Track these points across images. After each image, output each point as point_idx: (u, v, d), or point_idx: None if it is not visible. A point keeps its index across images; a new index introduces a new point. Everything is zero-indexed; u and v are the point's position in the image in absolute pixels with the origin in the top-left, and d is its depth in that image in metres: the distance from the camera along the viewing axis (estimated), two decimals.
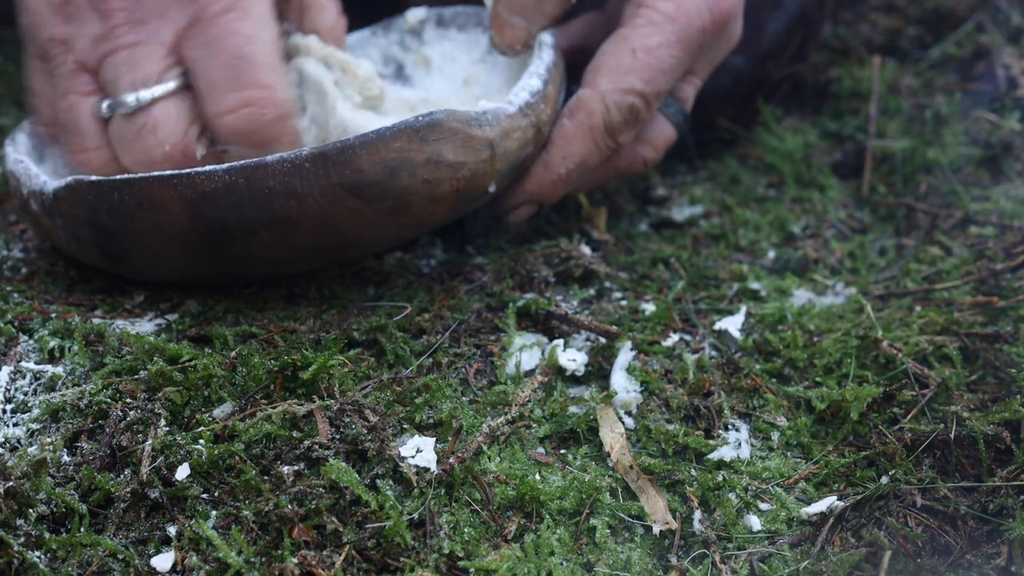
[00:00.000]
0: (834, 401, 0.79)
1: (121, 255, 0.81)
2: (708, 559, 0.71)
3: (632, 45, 0.87)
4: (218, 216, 0.77)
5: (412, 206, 0.79)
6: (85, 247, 0.82)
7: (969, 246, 0.95)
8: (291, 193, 0.76)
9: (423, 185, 0.78)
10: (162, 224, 0.78)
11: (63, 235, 0.82)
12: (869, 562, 0.71)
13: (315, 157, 0.76)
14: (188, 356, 0.77)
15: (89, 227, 0.80)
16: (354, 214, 0.78)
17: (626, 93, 0.87)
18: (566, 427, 0.77)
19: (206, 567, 0.67)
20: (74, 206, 0.80)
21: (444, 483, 0.71)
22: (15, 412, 0.75)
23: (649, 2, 0.87)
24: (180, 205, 0.77)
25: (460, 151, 0.79)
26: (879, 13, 1.22)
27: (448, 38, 1.00)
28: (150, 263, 0.81)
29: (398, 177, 0.77)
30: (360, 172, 0.76)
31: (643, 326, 0.85)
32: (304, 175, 0.76)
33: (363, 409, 0.74)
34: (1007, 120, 1.08)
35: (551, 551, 0.69)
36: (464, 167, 0.79)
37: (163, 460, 0.71)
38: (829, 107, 1.14)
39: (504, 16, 0.88)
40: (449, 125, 0.78)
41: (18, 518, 0.68)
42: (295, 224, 0.77)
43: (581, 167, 0.88)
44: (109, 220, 0.79)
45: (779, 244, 0.99)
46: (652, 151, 0.93)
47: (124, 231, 0.79)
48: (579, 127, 0.87)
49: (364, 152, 0.76)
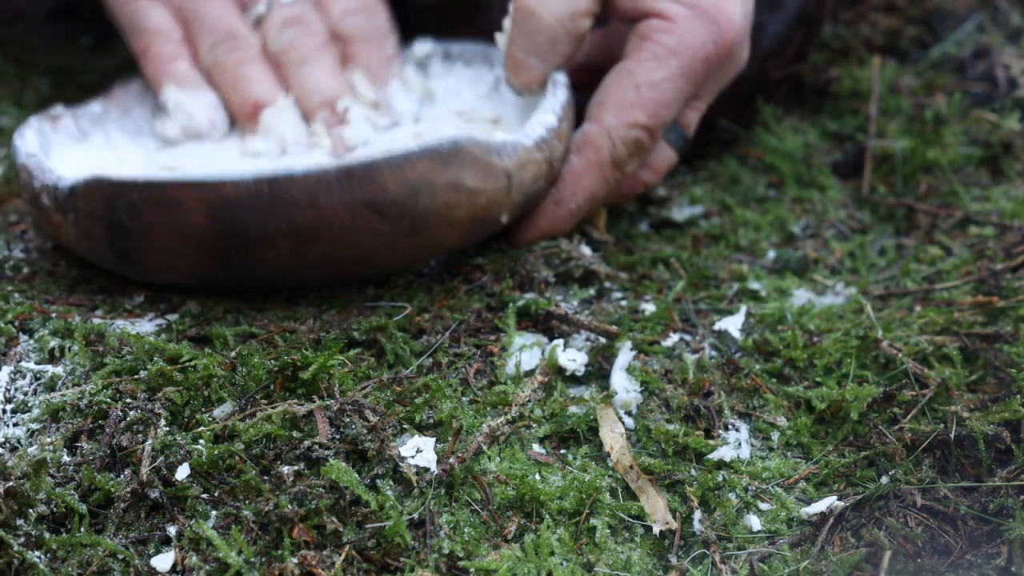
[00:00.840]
0: (834, 401, 0.79)
1: (133, 254, 0.81)
2: (708, 559, 0.71)
3: (636, 80, 0.87)
4: (239, 222, 0.77)
5: (429, 228, 0.80)
6: (95, 245, 0.82)
7: (969, 246, 0.95)
8: (314, 205, 0.77)
9: (442, 208, 0.80)
10: (181, 225, 0.78)
11: (73, 231, 0.82)
12: (869, 562, 0.71)
13: (341, 172, 0.77)
14: (188, 356, 0.77)
15: (103, 224, 0.80)
16: (372, 231, 0.79)
17: (631, 128, 0.88)
18: (566, 427, 0.77)
19: (206, 567, 0.67)
20: (91, 202, 0.80)
21: (444, 483, 0.71)
22: (15, 412, 0.75)
23: (652, 35, 0.88)
24: (202, 208, 0.77)
25: (480, 178, 0.80)
26: (879, 13, 1.22)
27: (454, 73, 1.02)
28: (161, 265, 0.81)
29: (419, 198, 0.79)
30: (384, 191, 0.78)
31: (643, 326, 0.85)
32: (329, 189, 0.77)
33: (363, 409, 0.74)
34: (1007, 120, 1.08)
35: (551, 551, 0.69)
36: (482, 194, 0.81)
37: (163, 460, 0.71)
38: (829, 107, 1.14)
39: (520, 58, 0.89)
40: (471, 152, 0.80)
41: (18, 518, 0.68)
42: (314, 236, 0.78)
43: (590, 201, 0.89)
44: (126, 218, 0.79)
45: (779, 244, 0.99)
46: (653, 175, 0.94)
47: (141, 230, 0.79)
48: (587, 163, 0.88)
49: (389, 171, 0.77)
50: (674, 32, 0.87)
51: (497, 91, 0.99)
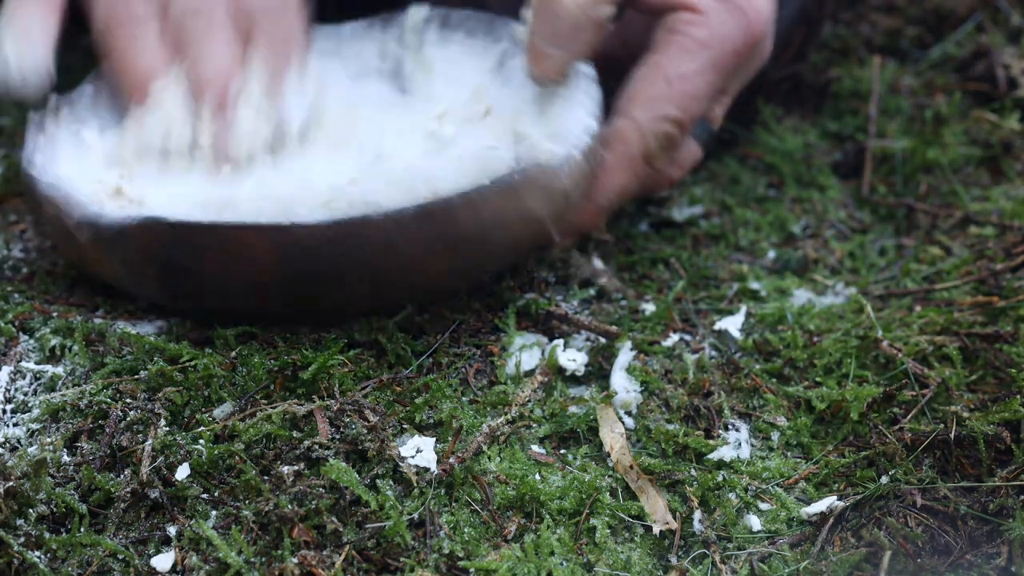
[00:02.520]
0: (834, 401, 0.79)
1: (191, 294, 0.79)
2: (708, 559, 0.71)
3: (666, 73, 0.86)
4: (311, 268, 0.75)
5: (497, 255, 0.80)
6: (145, 281, 0.79)
7: (969, 246, 0.95)
8: (390, 245, 0.75)
9: (510, 239, 0.79)
10: (248, 272, 0.76)
11: (119, 269, 0.79)
12: (869, 562, 0.71)
13: (419, 214, 0.75)
14: (188, 356, 0.77)
15: (158, 264, 0.77)
16: (444, 263, 0.78)
17: (662, 122, 0.86)
18: (566, 427, 0.77)
19: (206, 567, 0.67)
20: (146, 243, 0.76)
21: (444, 483, 0.71)
22: (15, 412, 0.75)
23: (681, 28, 0.86)
24: (272, 255, 0.75)
25: (543, 203, 0.79)
26: (879, 13, 1.22)
27: (454, 42, 0.96)
28: (219, 301, 0.79)
29: (492, 234, 0.77)
30: (458, 228, 0.76)
31: (643, 326, 0.85)
32: (406, 231, 0.75)
33: (363, 409, 0.74)
34: (1007, 120, 1.08)
35: (551, 551, 0.69)
36: (544, 219, 0.79)
37: (163, 460, 0.71)
38: (829, 107, 1.14)
39: (541, 46, 0.86)
40: (537, 178, 0.78)
41: (18, 518, 0.68)
42: (386, 274, 0.77)
43: (622, 196, 0.88)
44: (186, 259, 0.76)
45: (779, 244, 0.99)
46: (678, 171, 0.93)
47: (202, 272, 0.77)
48: (619, 159, 0.86)
49: (464, 210, 0.76)
50: (705, 25, 0.86)
51: (503, 68, 0.94)
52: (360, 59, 0.98)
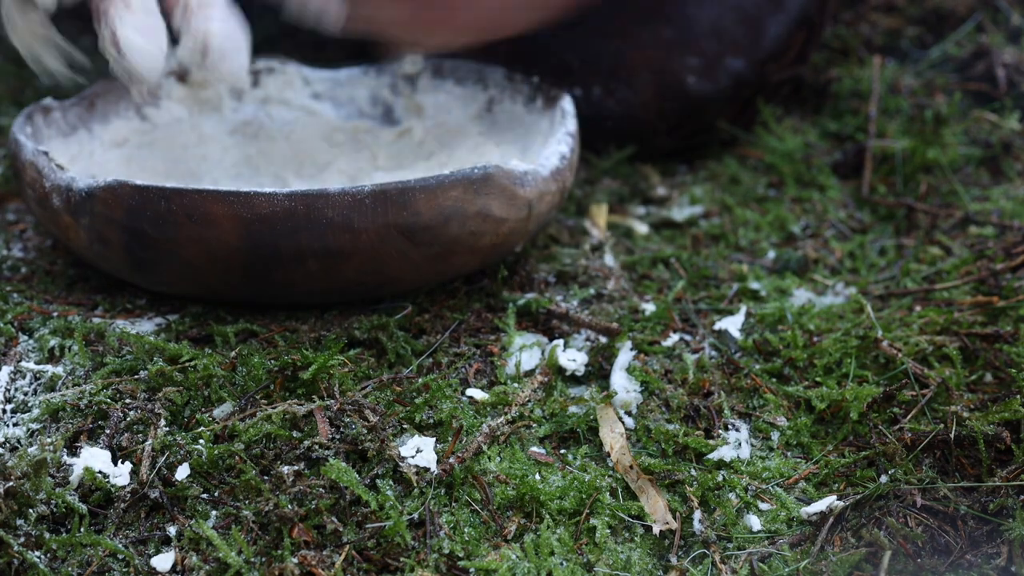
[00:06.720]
0: (834, 401, 0.79)
1: (152, 265, 0.80)
2: (708, 559, 0.71)
3: None
4: (271, 240, 0.77)
5: (453, 255, 0.81)
6: (110, 251, 0.80)
7: (969, 246, 0.95)
8: (348, 227, 0.77)
9: (468, 236, 0.80)
10: (209, 239, 0.77)
11: (86, 236, 0.80)
12: (869, 562, 0.71)
13: (376, 194, 0.77)
14: (188, 356, 0.77)
15: (123, 231, 0.78)
16: (400, 255, 0.79)
17: None
18: (566, 427, 0.77)
19: (206, 567, 0.67)
20: (111, 207, 0.78)
21: (444, 483, 0.71)
22: (15, 412, 0.75)
23: None
24: (233, 223, 0.76)
25: (505, 207, 0.81)
26: (879, 13, 1.22)
27: (444, 90, 1.01)
28: (180, 277, 0.80)
29: (449, 225, 0.79)
30: (416, 215, 0.78)
31: (643, 326, 0.85)
32: (363, 210, 0.77)
33: (363, 409, 0.74)
34: (1007, 120, 1.08)
35: (551, 551, 0.69)
36: (505, 224, 0.81)
37: (163, 460, 0.71)
38: (829, 107, 1.14)
39: None
40: (499, 181, 0.80)
41: (18, 518, 0.68)
42: (345, 258, 0.78)
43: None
44: (149, 227, 0.77)
45: (779, 244, 0.99)
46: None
47: (165, 240, 0.78)
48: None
49: (423, 196, 0.78)
50: None
51: (489, 112, 0.99)
52: (353, 103, 1.02)
